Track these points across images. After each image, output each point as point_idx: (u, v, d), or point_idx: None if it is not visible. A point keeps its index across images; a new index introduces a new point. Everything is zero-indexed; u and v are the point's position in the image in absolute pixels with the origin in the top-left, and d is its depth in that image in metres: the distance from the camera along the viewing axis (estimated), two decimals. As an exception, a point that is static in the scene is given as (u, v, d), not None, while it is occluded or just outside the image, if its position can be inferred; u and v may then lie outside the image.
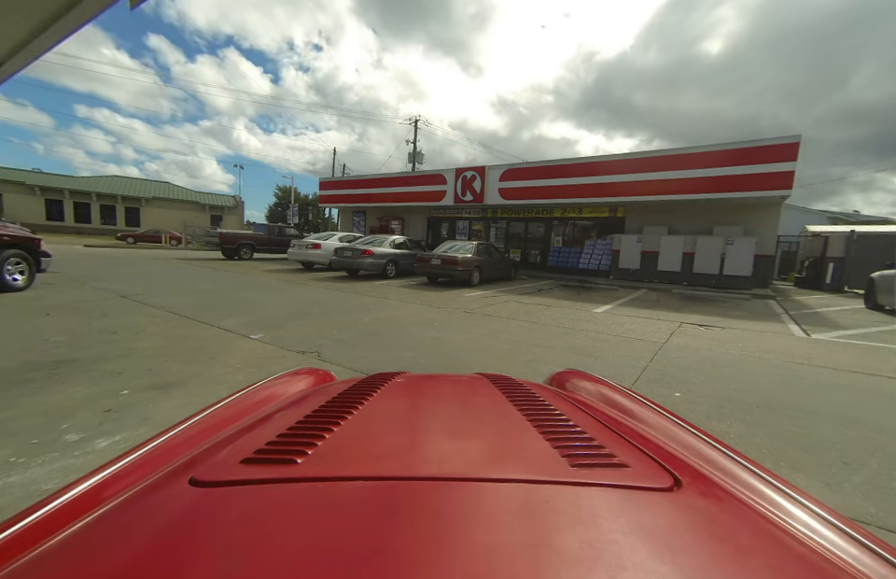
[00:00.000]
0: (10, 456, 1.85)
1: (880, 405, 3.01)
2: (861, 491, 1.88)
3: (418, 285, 9.82)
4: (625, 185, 11.90)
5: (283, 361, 3.49)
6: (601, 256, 14.18)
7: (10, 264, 5.92)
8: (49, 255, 6.49)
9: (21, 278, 6.05)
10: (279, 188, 44.44)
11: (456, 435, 0.55)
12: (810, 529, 0.41)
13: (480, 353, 4.05)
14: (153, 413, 2.37)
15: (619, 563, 0.28)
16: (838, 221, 22.69)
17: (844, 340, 5.41)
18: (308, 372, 1.03)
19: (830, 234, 13.81)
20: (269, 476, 0.41)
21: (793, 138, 9.62)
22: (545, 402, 0.68)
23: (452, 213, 17.81)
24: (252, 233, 16.70)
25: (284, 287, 8.48)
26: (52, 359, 3.16)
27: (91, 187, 30.41)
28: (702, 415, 2.70)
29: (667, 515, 0.36)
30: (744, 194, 10.31)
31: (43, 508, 0.44)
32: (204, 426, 0.69)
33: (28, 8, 2.70)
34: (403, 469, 0.44)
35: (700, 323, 6.19)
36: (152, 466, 0.53)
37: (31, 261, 6.16)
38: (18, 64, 3.58)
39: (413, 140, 27.50)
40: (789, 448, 2.27)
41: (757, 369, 3.84)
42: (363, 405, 0.64)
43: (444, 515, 0.35)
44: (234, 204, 37.04)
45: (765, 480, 0.51)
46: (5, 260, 5.83)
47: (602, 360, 3.93)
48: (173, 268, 10.98)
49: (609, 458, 0.46)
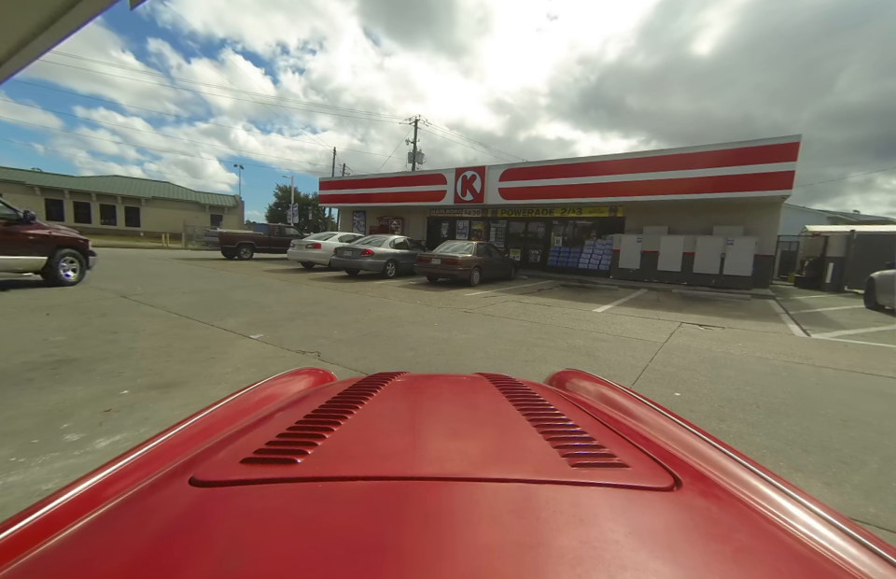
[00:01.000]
0: (11, 455, 1.85)
1: (880, 405, 3.01)
2: (862, 491, 1.88)
3: (418, 285, 9.81)
4: (625, 185, 11.90)
5: (283, 361, 3.49)
6: (601, 256, 14.17)
7: (65, 262, 6.86)
8: (94, 254, 7.34)
9: (73, 275, 6.96)
10: (279, 187, 44.53)
11: (456, 435, 0.55)
12: (810, 529, 0.41)
13: (480, 353, 4.05)
14: (153, 413, 2.37)
15: (619, 563, 0.28)
16: (838, 221, 22.69)
17: (844, 340, 5.41)
18: (308, 372, 1.03)
19: (830, 234, 13.80)
20: (269, 476, 0.41)
21: (793, 138, 9.62)
22: (545, 401, 0.68)
23: (452, 213, 17.80)
24: (252, 232, 16.69)
25: (284, 287, 8.48)
26: (52, 358, 3.16)
27: (91, 187, 30.37)
28: (702, 415, 2.70)
29: (667, 515, 0.36)
30: (744, 194, 10.31)
31: (43, 508, 0.44)
32: (204, 426, 0.69)
33: (28, 8, 2.70)
34: (403, 469, 0.44)
35: (700, 323, 6.19)
36: (152, 466, 0.53)
37: (82, 259, 7.11)
38: (17, 65, 3.58)
39: (413, 140, 27.50)
40: (788, 448, 2.27)
41: (757, 369, 3.84)
42: (363, 405, 0.64)
43: (445, 514, 0.35)
44: (234, 203, 36.99)
45: (765, 480, 0.51)
46: (61, 258, 6.75)
47: (602, 360, 3.93)
48: (173, 268, 10.98)
49: (608, 457, 0.46)
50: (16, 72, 3.66)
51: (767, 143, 9.89)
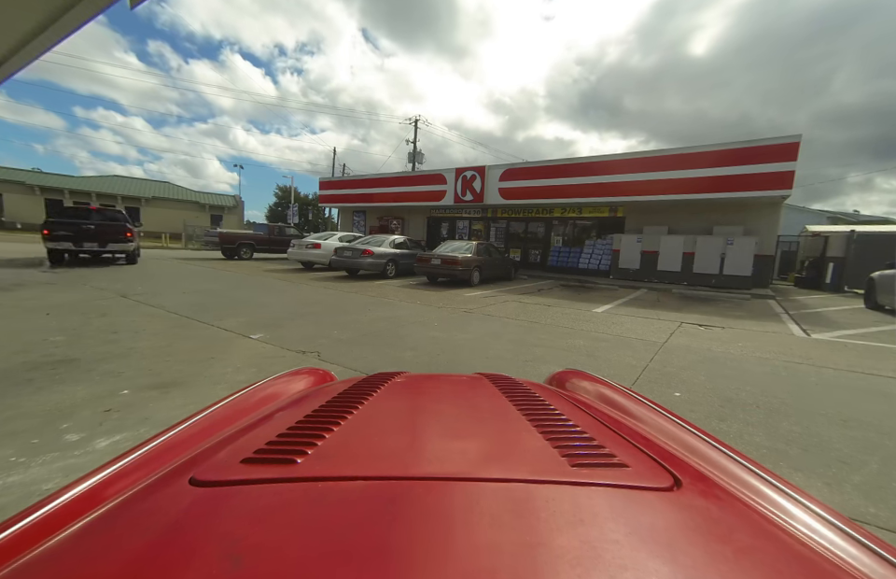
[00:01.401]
0: (11, 455, 1.85)
1: (880, 405, 3.01)
2: (862, 491, 1.88)
3: (418, 285, 9.81)
4: (625, 185, 11.90)
5: (283, 361, 3.49)
6: (601, 256, 14.17)
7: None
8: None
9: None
10: (279, 187, 44.51)
11: (456, 435, 0.55)
12: (810, 528, 0.41)
13: (480, 353, 4.05)
14: (153, 413, 2.37)
15: (619, 563, 0.28)
16: (838, 221, 22.68)
17: (844, 340, 5.41)
18: (308, 371, 1.03)
19: (830, 234, 13.80)
20: (269, 476, 0.41)
21: (793, 138, 9.62)
22: (545, 401, 0.68)
23: (452, 213, 17.80)
24: (252, 232, 16.69)
25: (284, 287, 8.48)
26: (52, 358, 3.16)
27: (91, 186, 30.37)
28: (702, 415, 2.70)
29: (667, 515, 0.36)
30: (744, 194, 10.30)
31: (43, 508, 0.44)
32: (204, 426, 0.69)
33: (28, 7, 2.70)
34: (403, 468, 0.44)
35: (700, 323, 6.19)
36: (152, 466, 0.53)
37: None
38: (17, 64, 3.58)
39: (414, 140, 27.50)
40: (789, 448, 2.27)
41: (757, 369, 3.84)
42: (363, 405, 0.64)
43: (445, 514, 0.35)
44: (234, 203, 36.98)
45: (765, 480, 0.51)
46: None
47: (602, 360, 3.93)
48: (172, 268, 10.98)
49: (608, 457, 0.46)
50: (17, 71, 3.66)
51: (767, 143, 9.89)
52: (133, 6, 2.60)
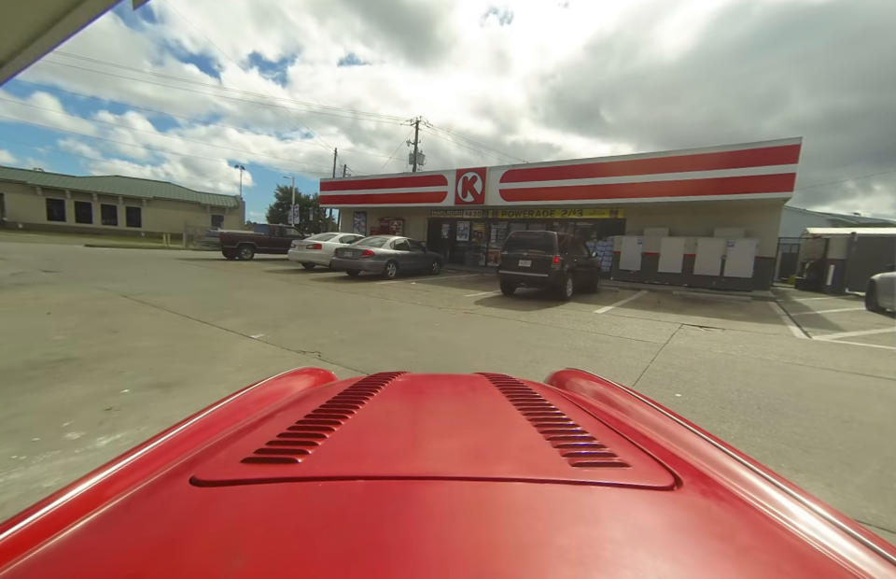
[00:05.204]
0: (12, 453, 1.85)
1: (881, 406, 3.01)
2: (863, 492, 1.87)
3: (418, 285, 9.82)
4: (626, 187, 11.89)
5: (283, 361, 3.49)
6: (602, 257, 14.17)
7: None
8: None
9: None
10: (280, 188, 44.55)
11: (457, 434, 0.55)
12: (811, 528, 0.41)
13: (480, 353, 4.05)
14: (154, 412, 2.37)
15: (619, 562, 0.28)
16: (839, 224, 22.65)
17: (845, 342, 5.40)
18: (308, 371, 1.03)
19: (830, 237, 13.76)
20: (269, 476, 0.41)
21: (794, 140, 9.61)
22: (545, 401, 0.68)
23: (452, 214, 17.81)
24: (253, 233, 16.69)
25: (284, 287, 8.48)
26: (53, 357, 3.16)
27: (93, 187, 30.40)
28: (703, 415, 2.69)
29: (668, 515, 0.36)
30: (745, 196, 10.30)
31: (43, 508, 0.44)
32: (205, 425, 0.69)
33: (32, 7, 2.71)
34: (404, 468, 0.44)
35: (701, 325, 6.18)
36: (153, 465, 0.53)
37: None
38: (19, 64, 3.59)
39: (415, 141, 27.54)
40: (790, 449, 2.27)
41: (758, 370, 3.83)
42: (363, 405, 0.64)
43: (445, 514, 0.35)
44: (235, 204, 37.03)
45: (766, 479, 0.51)
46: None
47: (603, 361, 3.93)
48: (173, 268, 10.99)
49: (609, 457, 0.46)
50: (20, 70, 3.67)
51: (768, 145, 9.88)
52: (136, 6, 2.61)
